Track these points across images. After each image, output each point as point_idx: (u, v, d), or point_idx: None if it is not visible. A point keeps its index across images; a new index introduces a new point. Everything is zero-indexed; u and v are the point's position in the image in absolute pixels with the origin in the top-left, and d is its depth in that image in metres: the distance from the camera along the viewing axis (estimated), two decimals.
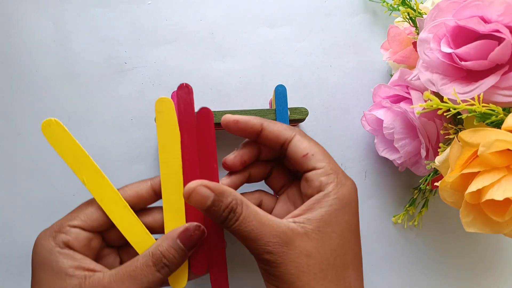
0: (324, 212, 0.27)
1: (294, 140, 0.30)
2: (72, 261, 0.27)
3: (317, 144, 0.31)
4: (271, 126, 0.30)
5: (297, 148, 0.30)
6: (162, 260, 0.27)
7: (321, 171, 0.28)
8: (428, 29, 0.31)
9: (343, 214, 0.28)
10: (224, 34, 0.44)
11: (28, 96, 0.43)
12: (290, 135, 0.30)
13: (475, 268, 0.44)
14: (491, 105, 0.27)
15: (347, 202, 0.28)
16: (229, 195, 0.28)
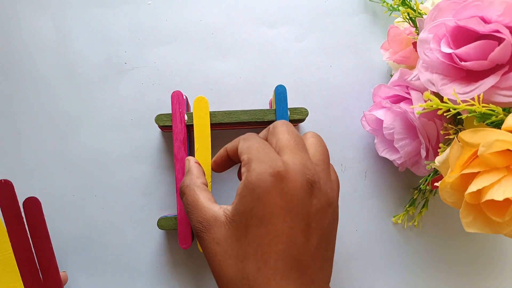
0: (237, 199, 0.28)
1: (238, 148, 0.31)
2: None
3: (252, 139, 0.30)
4: (229, 145, 0.33)
5: (237, 154, 0.31)
6: None
7: (242, 164, 0.29)
8: (428, 29, 0.31)
9: (249, 200, 0.27)
10: (224, 34, 0.45)
11: (28, 96, 0.43)
12: (236, 144, 0.32)
13: (475, 268, 0.44)
14: (491, 105, 0.27)
15: (253, 187, 0.27)
16: (185, 176, 0.34)
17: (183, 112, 0.39)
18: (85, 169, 0.42)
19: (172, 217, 0.39)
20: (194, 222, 0.30)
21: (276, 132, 0.31)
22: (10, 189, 0.34)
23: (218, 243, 0.28)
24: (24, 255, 0.34)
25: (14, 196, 0.34)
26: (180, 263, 0.42)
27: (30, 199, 0.34)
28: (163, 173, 0.43)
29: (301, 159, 0.28)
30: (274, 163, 0.28)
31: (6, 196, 0.34)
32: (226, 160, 0.34)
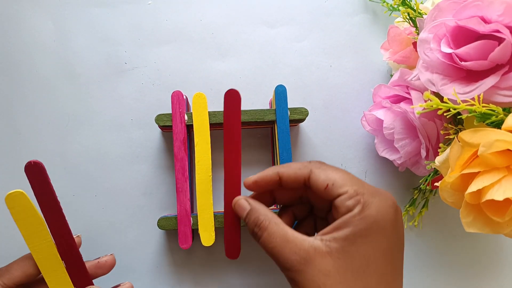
0: (349, 231, 0.27)
1: (311, 176, 0.30)
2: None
3: (335, 171, 0.30)
4: (286, 171, 0.31)
5: (317, 183, 0.29)
6: None
7: (345, 196, 0.28)
8: (428, 29, 0.31)
9: (370, 233, 0.27)
10: (224, 34, 0.45)
11: (28, 96, 0.43)
12: (307, 173, 0.30)
13: (475, 268, 0.44)
14: (491, 105, 0.27)
15: (374, 221, 0.27)
16: (257, 211, 0.30)
17: (183, 112, 0.39)
18: (85, 169, 0.42)
19: (172, 217, 0.39)
20: (288, 255, 0.27)
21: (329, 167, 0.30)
22: (42, 172, 0.31)
23: (326, 274, 0.26)
24: (64, 240, 0.33)
25: (47, 179, 0.31)
26: (180, 263, 0.42)
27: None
28: (163, 173, 0.43)
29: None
30: (386, 195, 0.28)
31: (38, 179, 0.31)
32: (274, 185, 0.31)
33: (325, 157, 0.44)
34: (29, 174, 0.31)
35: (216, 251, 0.42)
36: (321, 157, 0.44)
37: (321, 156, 0.44)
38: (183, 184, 0.38)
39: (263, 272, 0.42)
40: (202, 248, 0.42)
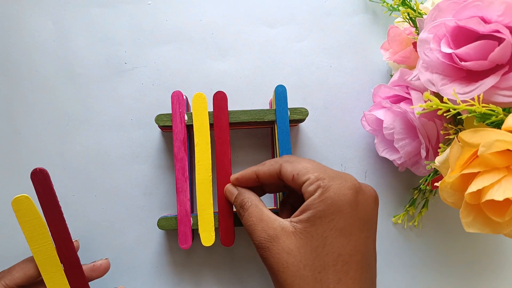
0: (310, 213, 0.29)
1: (281, 170, 0.32)
2: None
3: (302, 161, 0.32)
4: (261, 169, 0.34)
5: (286, 175, 0.32)
6: None
7: (307, 182, 0.30)
8: (428, 29, 0.31)
9: (328, 214, 0.29)
10: (224, 34, 0.45)
11: (28, 96, 0.43)
12: (278, 168, 0.33)
13: (475, 268, 0.44)
14: (491, 106, 0.27)
15: (332, 202, 0.29)
16: (243, 194, 0.34)
17: (183, 112, 0.39)
18: (85, 169, 0.42)
19: (172, 217, 0.39)
20: (259, 233, 0.30)
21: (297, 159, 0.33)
22: (46, 178, 0.34)
23: (288, 252, 0.28)
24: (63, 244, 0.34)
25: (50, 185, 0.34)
26: (180, 263, 0.42)
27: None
28: (163, 173, 0.43)
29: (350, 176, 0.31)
30: (347, 178, 0.30)
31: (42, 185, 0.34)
32: (254, 182, 0.35)
33: (325, 157, 0.44)
34: (34, 180, 0.33)
35: (216, 251, 0.42)
36: (321, 157, 0.44)
37: (321, 156, 0.44)
38: (183, 184, 0.38)
39: (263, 272, 0.42)
40: (202, 248, 0.42)
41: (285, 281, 0.28)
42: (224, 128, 0.38)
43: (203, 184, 0.38)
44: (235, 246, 0.42)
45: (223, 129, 0.38)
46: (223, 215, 0.38)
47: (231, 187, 0.36)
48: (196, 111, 0.38)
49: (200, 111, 0.38)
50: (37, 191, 0.33)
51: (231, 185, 0.36)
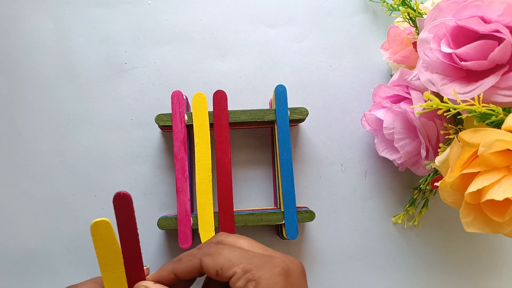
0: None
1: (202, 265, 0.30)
2: None
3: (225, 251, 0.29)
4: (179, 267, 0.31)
5: (208, 272, 0.29)
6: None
7: (234, 278, 0.28)
8: (428, 29, 0.31)
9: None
10: (224, 34, 0.45)
11: (28, 96, 0.43)
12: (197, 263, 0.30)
13: (475, 268, 0.44)
14: (491, 105, 0.27)
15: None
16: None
17: (183, 112, 0.39)
18: (85, 169, 0.42)
19: (172, 217, 0.39)
20: None
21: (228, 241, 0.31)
22: (129, 203, 0.31)
23: None
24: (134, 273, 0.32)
25: (132, 211, 0.31)
26: None
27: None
28: (163, 173, 0.43)
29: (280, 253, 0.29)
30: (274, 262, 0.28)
31: (123, 210, 0.31)
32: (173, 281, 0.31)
33: (325, 157, 0.44)
34: (116, 204, 0.31)
35: None
36: (321, 157, 0.44)
37: (321, 156, 0.44)
38: (183, 184, 0.38)
39: None
40: None
41: None
42: (224, 127, 0.38)
43: (203, 184, 0.38)
44: None
45: (223, 127, 0.38)
46: (223, 215, 0.38)
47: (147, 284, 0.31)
48: (196, 111, 0.38)
49: (200, 111, 0.38)
50: (117, 216, 0.31)
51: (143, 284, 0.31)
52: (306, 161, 0.44)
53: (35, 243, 0.42)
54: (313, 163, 0.44)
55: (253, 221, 0.39)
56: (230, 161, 0.38)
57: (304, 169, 0.44)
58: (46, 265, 0.42)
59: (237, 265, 0.28)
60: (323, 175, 0.44)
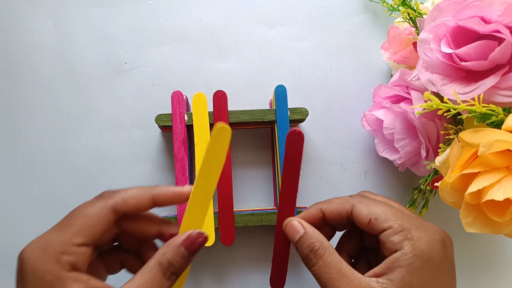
0: (404, 272, 0.26)
1: (354, 211, 0.29)
2: (81, 284, 0.25)
3: (378, 204, 0.29)
4: (328, 208, 0.31)
5: (359, 218, 0.29)
6: (170, 268, 0.27)
7: (390, 231, 0.27)
8: (428, 30, 0.31)
9: (425, 272, 0.26)
10: (224, 34, 0.44)
11: (28, 96, 0.43)
12: (349, 208, 0.30)
13: (475, 268, 0.44)
14: (491, 106, 0.27)
15: (427, 257, 0.26)
16: (313, 235, 0.29)
17: (183, 112, 0.39)
18: (85, 169, 0.42)
19: (172, 217, 0.39)
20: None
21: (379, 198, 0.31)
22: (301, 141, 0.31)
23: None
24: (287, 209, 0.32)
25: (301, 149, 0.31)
26: None
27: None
28: (163, 173, 0.43)
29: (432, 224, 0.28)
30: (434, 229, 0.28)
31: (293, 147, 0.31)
32: (319, 222, 0.31)
33: (325, 157, 0.44)
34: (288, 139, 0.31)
35: (216, 251, 0.42)
36: (321, 157, 0.44)
37: (321, 156, 0.44)
38: (183, 184, 0.38)
39: (263, 272, 0.42)
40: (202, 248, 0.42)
41: None
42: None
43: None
44: (235, 245, 0.42)
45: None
46: (223, 214, 0.38)
47: (296, 223, 0.30)
48: (196, 111, 0.38)
49: (200, 111, 0.38)
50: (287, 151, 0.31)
51: (295, 220, 0.31)
52: (306, 161, 0.44)
53: None
54: (313, 163, 0.44)
55: (253, 221, 0.39)
56: (230, 161, 0.38)
57: (304, 169, 0.44)
58: None
59: (393, 220, 0.27)
60: (323, 175, 0.44)
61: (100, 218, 0.26)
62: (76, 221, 0.26)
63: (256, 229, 0.43)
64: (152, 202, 0.28)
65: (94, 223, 0.26)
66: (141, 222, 0.29)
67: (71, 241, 0.25)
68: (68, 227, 0.26)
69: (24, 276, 0.25)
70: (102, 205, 0.26)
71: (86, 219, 0.26)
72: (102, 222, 0.26)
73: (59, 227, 0.26)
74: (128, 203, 0.27)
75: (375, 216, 0.28)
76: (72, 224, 0.26)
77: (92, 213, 0.26)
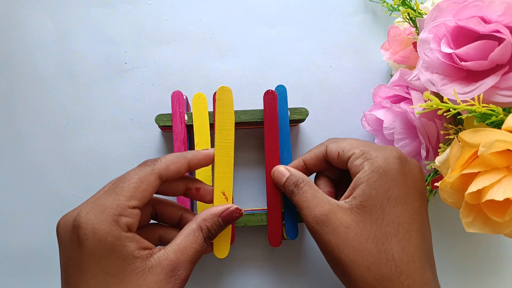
0: (364, 186, 0.29)
1: (327, 150, 0.33)
2: (136, 243, 0.27)
3: (346, 140, 0.33)
4: (308, 155, 0.35)
5: (331, 154, 0.33)
6: (208, 234, 0.30)
7: (353, 157, 0.31)
8: (428, 29, 0.31)
9: (382, 183, 0.29)
10: (224, 34, 0.45)
11: (28, 96, 0.43)
12: (323, 149, 0.34)
13: (475, 268, 0.44)
14: (491, 106, 0.27)
15: (383, 171, 0.29)
16: (297, 175, 0.34)
17: (183, 112, 0.39)
18: (85, 169, 0.42)
19: None
20: (314, 207, 0.30)
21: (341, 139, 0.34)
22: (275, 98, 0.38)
23: (347, 227, 0.28)
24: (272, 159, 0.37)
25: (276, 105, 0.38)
26: None
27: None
28: None
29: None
30: (392, 149, 0.30)
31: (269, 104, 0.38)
32: (303, 171, 0.35)
33: None
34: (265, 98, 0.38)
35: None
36: None
37: None
38: None
39: (263, 272, 0.42)
40: None
41: (347, 257, 0.28)
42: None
43: None
44: (235, 245, 0.42)
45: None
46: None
47: (282, 168, 0.35)
48: (196, 111, 0.38)
49: (200, 111, 0.38)
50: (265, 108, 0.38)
51: (281, 166, 0.36)
52: None
53: (35, 243, 0.42)
54: None
55: (253, 221, 0.39)
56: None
57: None
58: (46, 265, 0.42)
59: (356, 147, 0.31)
60: None
61: (150, 183, 0.29)
62: (129, 185, 0.28)
63: (256, 229, 0.43)
64: (188, 166, 0.31)
65: (146, 187, 0.28)
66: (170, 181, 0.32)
67: (128, 204, 0.27)
68: (122, 191, 0.28)
69: (83, 239, 0.26)
70: (149, 171, 0.29)
71: (138, 183, 0.28)
72: (151, 186, 0.29)
73: (112, 191, 0.28)
74: (170, 168, 0.30)
75: (342, 149, 0.32)
76: (126, 188, 0.28)
77: (143, 178, 0.29)
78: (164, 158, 0.30)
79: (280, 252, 0.43)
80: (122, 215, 0.27)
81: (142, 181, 0.28)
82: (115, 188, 0.28)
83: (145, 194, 0.28)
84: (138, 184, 0.28)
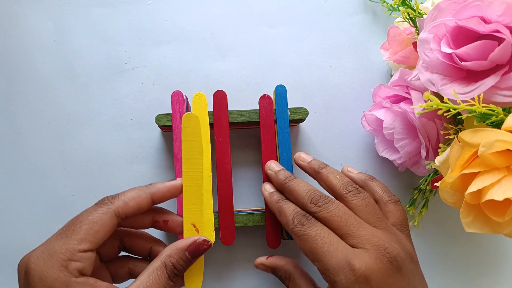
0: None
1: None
2: (88, 287, 0.26)
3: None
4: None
5: None
6: (174, 270, 0.29)
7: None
8: (428, 29, 0.31)
9: None
10: (224, 34, 0.45)
11: (28, 96, 0.43)
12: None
13: (475, 268, 0.44)
14: (491, 106, 0.27)
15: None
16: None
17: (183, 112, 0.39)
18: (85, 169, 0.42)
19: None
20: None
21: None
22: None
23: None
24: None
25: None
26: None
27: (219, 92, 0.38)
28: (163, 173, 0.43)
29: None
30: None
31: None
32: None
33: (325, 157, 0.44)
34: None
35: (216, 251, 0.42)
36: (321, 157, 0.44)
37: (321, 156, 0.44)
38: None
39: (262, 272, 0.42)
40: None
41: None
42: (224, 127, 0.38)
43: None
44: (235, 245, 0.42)
45: (223, 128, 0.38)
46: (223, 214, 0.38)
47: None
48: (196, 111, 0.38)
49: (200, 111, 0.38)
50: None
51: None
52: None
53: (35, 243, 0.42)
54: None
55: (253, 221, 0.39)
56: (230, 161, 0.38)
57: None
58: None
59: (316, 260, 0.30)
60: None
61: (104, 223, 0.27)
62: (81, 227, 0.27)
63: (256, 229, 0.43)
64: (151, 200, 0.30)
65: (99, 229, 0.27)
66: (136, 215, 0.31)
67: (78, 248, 0.26)
68: (73, 234, 0.27)
69: (32, 285, 0.25)
70: (104, 211, 0.28)
71: (90, 225, 0.27)
72: (106, 227, 0.28)
73: (64, 234, 0.27)
74: (129, 205, 0.29)
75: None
76: (77, 231, 0.27)
77: (96, 218, 0.28)
78: (123, 195, 0.29)
79: (280, 252, 0.43)
80: (72, 259, 0.26)
81: (95, 222, 0.27)
82: (67, 231, 0.27)
83: (98, 235, 0.27)
84: (90, 226, 0.27)
